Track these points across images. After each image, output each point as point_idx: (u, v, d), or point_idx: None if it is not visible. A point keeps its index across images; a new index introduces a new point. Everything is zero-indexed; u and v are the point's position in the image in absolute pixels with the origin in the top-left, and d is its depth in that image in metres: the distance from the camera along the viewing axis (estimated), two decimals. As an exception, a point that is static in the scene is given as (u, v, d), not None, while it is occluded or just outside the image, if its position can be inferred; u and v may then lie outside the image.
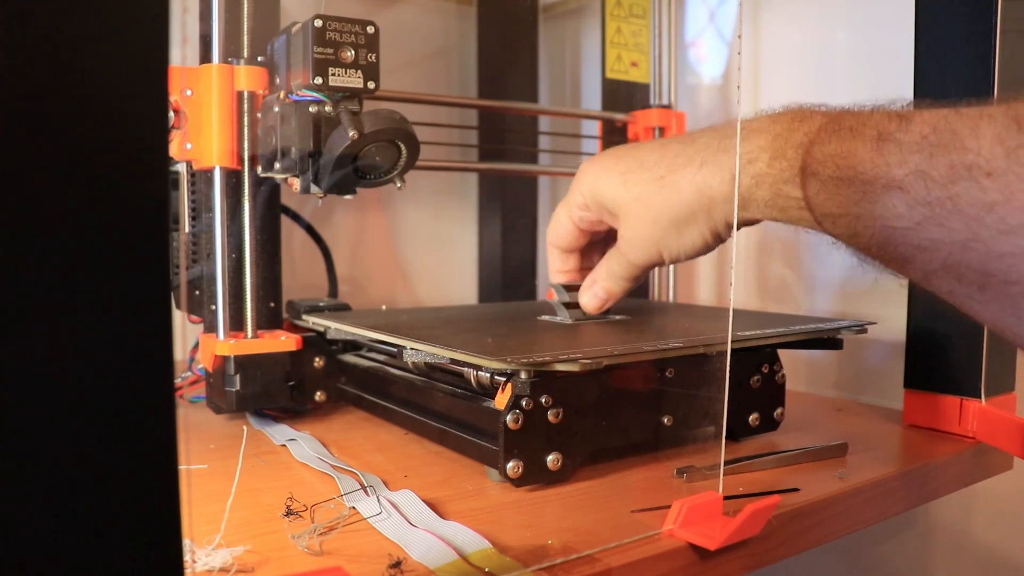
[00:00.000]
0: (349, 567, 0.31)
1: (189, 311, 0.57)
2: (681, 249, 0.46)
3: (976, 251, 0.31)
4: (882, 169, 0.33)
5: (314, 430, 0.53)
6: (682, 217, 0.44)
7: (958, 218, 0.31)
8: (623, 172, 0.47)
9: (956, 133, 0.31)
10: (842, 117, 0.37)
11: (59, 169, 0.16)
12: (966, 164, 0.30)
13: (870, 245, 0.35)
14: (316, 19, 0.48)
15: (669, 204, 0.44)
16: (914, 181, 0.32)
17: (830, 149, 0.36)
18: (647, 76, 0.81)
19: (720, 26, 0.84)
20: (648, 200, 0.45)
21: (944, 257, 0.32)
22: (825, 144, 0.36)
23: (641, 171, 0.46)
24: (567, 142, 0.85)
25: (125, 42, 0.17)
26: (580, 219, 0.51)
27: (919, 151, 0.32)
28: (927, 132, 0.32)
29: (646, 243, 0.46)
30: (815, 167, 0.36)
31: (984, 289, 0.31)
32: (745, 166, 0.40)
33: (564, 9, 0.99)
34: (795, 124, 0.39)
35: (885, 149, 0.33)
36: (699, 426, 0.49)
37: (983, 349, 0.52)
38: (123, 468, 0.18)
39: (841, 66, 0.73)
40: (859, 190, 0.34)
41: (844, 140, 0.35)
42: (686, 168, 0.44)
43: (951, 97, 0.52)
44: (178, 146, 0.53)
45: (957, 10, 0.51)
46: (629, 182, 0.46)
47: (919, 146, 0.32)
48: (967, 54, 0.51)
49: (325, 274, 0.73)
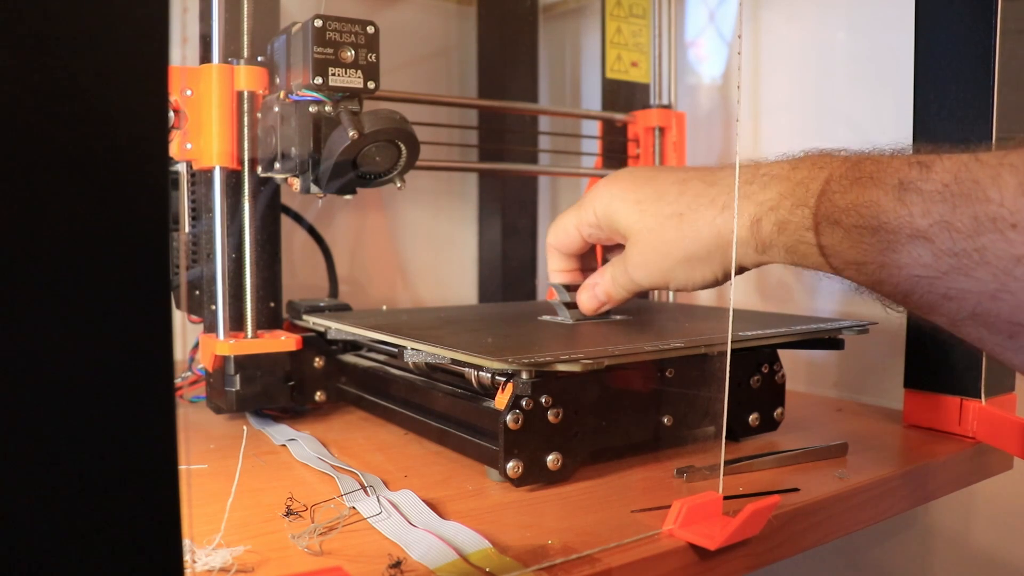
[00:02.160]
0: (349, 567, 0.31)
1: (189, 311, 0.57)
2: (689, 283, 0.46)
3: (1005, 302, 0.31)
4: (906, 219, 0.33)
5: (314, 430, 0.53)
6: (696, 256, 0.44)
7: (985, 269, 0.31)
8: (639, 201, 0.46)
9: (978, 183, 0.31)
10: (861, 163, 0.36)
11: (59, 169, 0.16)
12: (990, 216, 0.30)
13: (895, 293, 0.35)
14: (316, 19, 0.48)
15: (685, 242, 0.44)
16: (939, 231, 0.32)
17: (852, 197, 0.35)
18: (647, 76, 0.81)
19: (720, 26, 0.84)
20: (664, 235, 0.45)
21: (972, 307, 0.32)
22: (847, 192, 0.36)
23: (659, 204, 0.45)
24: (567, 142, 0.86)
25: (125, 42, 0.17)
26: (589, 235, 0.51)
27: (942, 201, 0.32)
28: (948, 181, 0.32)
29: (653, 272, 0.46)
30: (838, 215, 0.36)
31: (1015, 337, 0.31)
32: (767, 212, 0.40)
33: (564, 9, 0.99)
34: (815, 172, 0.38)
35: (907, 199, 0.33)
36: (699, 426, 0.49)
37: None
38: (123, 468, 0.18)
39: (841, 66, 0.73)
40: (883, 239, 0.34)
41: (865, 188, 0.35)
42: (707, 209, 0.43)
43: (951, 97, 0.52)
44: (178, 146, 0.53)
45: (957, 10, 0.51)
46: (645, 212, 0.46)
47: (941, 196, 0.32)
48: (967, 54, 0.51)
49: (325, 274, 0.73)
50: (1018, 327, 0.31)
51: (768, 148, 0.78)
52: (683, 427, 0.48)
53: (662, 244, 0.45)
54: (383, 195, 0.89)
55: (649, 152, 0.76)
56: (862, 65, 0.71)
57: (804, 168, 0.39)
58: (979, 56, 0.50)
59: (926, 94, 0.53)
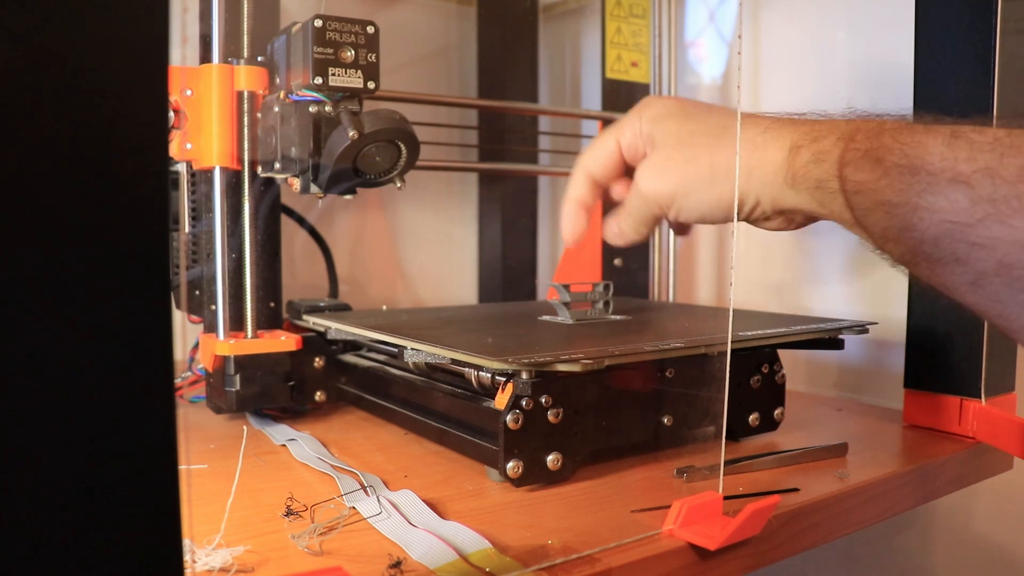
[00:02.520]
0: (349, 567, 0.31)
1: (189, 311, 0.57)
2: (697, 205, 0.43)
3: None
4: (950, 163, 0.33)
5: (314, 430, 0.53)
6: (721, 171, 0.41)
7: (1022, 216, 0.31)
8: (689, 112, 0.44)
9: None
10: (918, 118, 0.37)
11: (59, 169, 0.16)
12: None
13: (923, 240, 0.35)
14: (316, 19, 0.48)
15: (715, 152, 0.42)
16: (981, 178, 0.32)
17: (901, 138, 0.36)
18: (647, 76, 0.81)
19: (720, 26, 0.84)
20: (696, 139, 0.43)
21: (1000, 256, 0.32)
22: (897, 133, 0.36)
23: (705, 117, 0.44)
24: (567, 142, 0.85)
25: (125, 42, 0.17)
26: (628, 144, 0.47)
27: (991, 151, 0.32)
28: (1001, 136, 0.33)
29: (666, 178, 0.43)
30: (881, 152, 0.36)
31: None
32: (810, 143, 0.39)
33: (564, 9, 0.99)
34: (871, 117, 0.39)
35: (956, 145, 0.33)
36: (699, 426, 0.49)
37: (983, 349, 0.52)
38: (123, 468, 0.18)
39: (841, 66, 0.73)
40: (923, 180, 0.34)
41: (916, 132, 0.35)
42: (749, 128, 0.42)
43: (951, 97, 0.52)
44: (178, 146, 0.53)
45: (957, 10, 0.51)
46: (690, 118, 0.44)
47: (991, 146, 0.32)
48: (967, 54, 0.51)
49: (325, 274, 0.73)
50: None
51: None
52: (683, 427, 0.48)
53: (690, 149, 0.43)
54: (383, 195, 0.89)
55: (649, 152, 0.76)
56: (862, 65, 0.71)
57: (858, 116, 0.40)
58: (979, 56, 0.50)
59: (926, 94, 0.53)
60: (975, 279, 0.34)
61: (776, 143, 0.40)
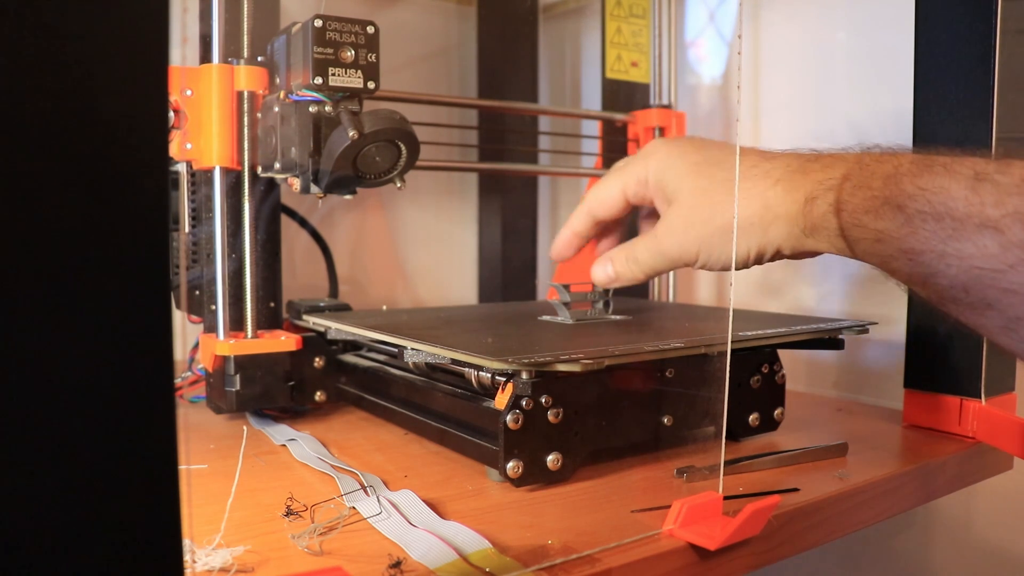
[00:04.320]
0: (349, 567, 0.31)
1: (189, 311, 0.57)
2: (722, 255, 0.44)
3: None
4: (976, 208, 0.32)
5: (314, 430, 0.53)
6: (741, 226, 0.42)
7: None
8: (697, 163, 0.45)
9: None
10: (935, 156, 0.36)
11: (59, 169, 0.16)
12: None
13: (952, 286, 0.34)
14: (316, 19, 0.48)
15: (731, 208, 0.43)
16: (1011, 223, 0.31)
17: (921, 183, 0.34)
18: (647, 76, 0.81)
19: (720, 26, 0.84)
20: (712, 196, 0.43)
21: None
22: (916, 177, 0.35)
23: (715, 168, 0.44)
24: (567, 142, 0.85)
25: (125, 42, 0.17)
26: (634, 193, 0.49)
27: (1018, 194, 0.31)
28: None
29: (689, 236, 0.45)
30: (902, 200, 0.35)
31: None
32: (825, 192, 0.39)
33: (564, 9, 0.99)
34: (885, 157, 0.38)
35: (982, 188, 0.32)
36: (699, 426, 0.49)
37: (983, 349, 0.52)
38: (123, 468, 0.18)
39: (841, 66, 0.73)
40: (949, 227, 0.33)
41: (937, 175, 0.34)
42: (760, 180, 0.42)
43: (951, 97, 0.52)
44: (178, 146, 0.53)
45: (957, 10, 0.51)
46: (701, 174, 0.44)
47: (1018, 189, 0.31)
48: (967, 54, 0.51)
49: (325, 274, 0.73)
50: None
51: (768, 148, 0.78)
52: (683, 427, 0.48)
53: (708, 207, 0.44)
54: (383, 195, 0.89)
55: (649, 152, 0.76)
56: (862, 65, 0.71)
57: (873, 155, 0.38)
58: (979, 56, 0.50)
59: (926, 94, 0.53)
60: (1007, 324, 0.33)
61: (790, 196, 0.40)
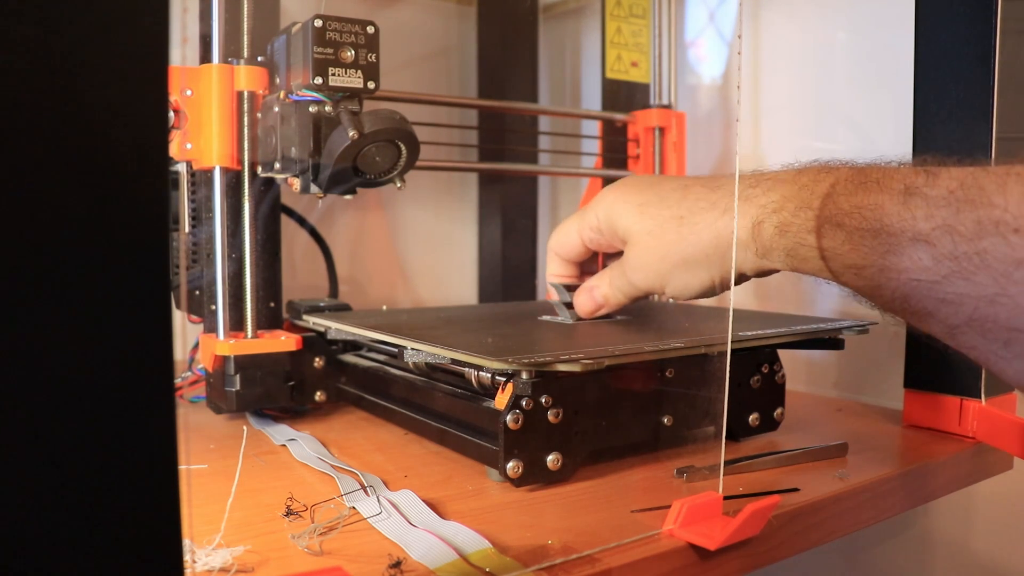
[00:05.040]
0: (349, 567, 0.31)
1: (189, 311, 0.57)
2: (685, 288, 0.46)
3: (1003, 306, 0.31)
4: (908, 223, 0.33)
5: (314, 430, 0.53)
6: (693, 259, 0.44)
7: (985, 273, 0.31)
8: (641, 204, 0.47)
9: (983, 189, 0.31)
10: (868, 171, 0.37)
11: (59, 169, 0.16)
12: (993, 220, 0.31)
13: (894, 298, 0.35)
14: (316, 19, 0.48)
15: (683, 244, 0.44)
16: (941, 235, 0.32)
17: (856, 200, 0.36)
18: (647, 76, 0.81)
19: (720, 26, 0.84)
20: (662, 236, 0.45)
21: (970, 312, 0.32)
22: (851, 195, 0.36)
23: (660, 207, 0.46)
24: (567, 142, 0.85)
25: (125, 42, 0.17)
26: (590, 240, 0.52)
27: (946, 206, 0.32)
28: (954, 187, 0.33)
29: (651, 275, 0.47)
30: (841, 218, 0.36)
31: (1010, 345, 0.32)
32: (770, 215, 0.40)
33: (564, 9, 0.99)
34: (821, 176, 0.39)
35: (912, 203, 0.33)
36: (699, 426, 0.49)
37: (983, 349, 0.52)
38: (123, 468, 0.18)
39: (841, 66, 0.73)
40: (884, 242, 0.34)
41: (871, 192, 0.35)
42: (707, 212, 0.44)
43: (951, 98, 0.52)
44: (178, 146, 0.53)
45: (957, 10, 0.51)
46: (646, 215, 0.46)
47: (946, 201, 0.32)
48: (967, 54, 0.51)
49: (325, 274, 0.73)
50: (1014, 333, 0.31)
51: (768, 148, 0.78)
52: (683, 427, 0.48)
53: (661, 246, 0.45)
54: (383, 195, 0.89)
55: (649, 152, 0.76)
56: (862, 65, 0.71)
57: (809, 174, 0.40)
58: (979, 56, 0.50)
59: (926, 94, 0.53)
60: (948, 331, 0.34)
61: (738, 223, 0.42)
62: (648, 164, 0.76)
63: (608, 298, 0.51)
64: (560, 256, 0.55)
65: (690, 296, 0.46)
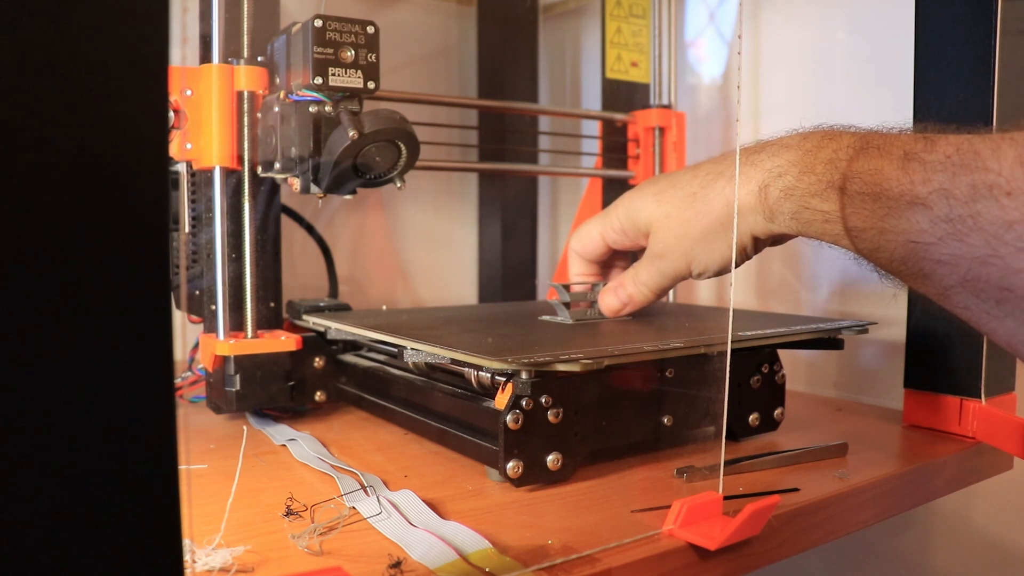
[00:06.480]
0: (349, 567, 0.31)
1: (189, 311, 0.57)
2: (710, 262, 0.47)
3: (995, 266, 0.32)
4: (907, 187, 0.35)
5: (314, 430, 0.53)
6: (711, 230, 0.46)
7: (978, 235, 0.32)
8: (657, 193, 0.49)
9: (978, 154, 0.33)
10: (870, 137, 0.38)
11: (59, 169, 0.16)
12: (987, 183, 0.32)
13: (892, 259, 0.36)
14: (316, 19, 0.48)
15: (699, 217, 0.46)
16: (937, 199, 0.33)
17: (858, 166, 0.37)
18: (647, 76, 0.81)
19: (720, 26, 0.84)
20: (679, 215, 0.47)
21: (963, 272, 0.33)
22: (853, 160, 0.38)
23: (674, 190, 0.48)
24: (567, 142, 0.85)
25: (125, 42, 0.17)
26: (614, 241, 0.53)
27: (943, 170, 0.34)
28: (951, 152, 0.34)
29: (675, 256, 0.48)
30: (842, 182, 0.38)
31: (1001, 304, 0.33)
32: (776, 179, 0.41)
33: (564, 9, 0.99)
34: (825, 141, 0.40)
35: (910, 168, 0.35)
36: (699, 426, 0.49)
37: (983, 349, 0.52)
38: (123, 468, 0.18)
39: (841, 66, 0.73)
40: (884, 206, 0.36)
41: (872, 158, 0.37)
42: (716, 182, 0.45)
43: (951, 98, 0.52)
44: (178, 146, 0.53)
45: (957, 10, 0.51)
46: (663, 201, 0.48)
47: (943, 166, 0.34)
48: (967, 54, 0.51)
49: (325, 274, 0.73)
50: (1005, 292, 0.32)
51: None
52: (683, 427, 0.48)
53: (680, 225, 0.47)
54: (383, 195, 0.89)
55: (649, 152, 0.76)
56: (862, 65, 0.71)
57: (814, 139, 0.41)
58: (979, 56, 0.50)
59: (926, 94, 0.53)
60: (943, 292, 0.35)
61: (745, 188, 0.43)
62: (648, 164, 0.76)
63: (633, 296, 0.52)
64: (582, 257, 0.56)
65: (717, 269, 0.47)
